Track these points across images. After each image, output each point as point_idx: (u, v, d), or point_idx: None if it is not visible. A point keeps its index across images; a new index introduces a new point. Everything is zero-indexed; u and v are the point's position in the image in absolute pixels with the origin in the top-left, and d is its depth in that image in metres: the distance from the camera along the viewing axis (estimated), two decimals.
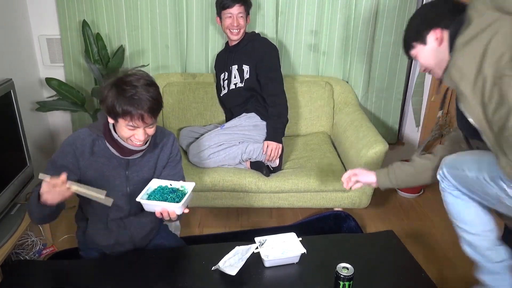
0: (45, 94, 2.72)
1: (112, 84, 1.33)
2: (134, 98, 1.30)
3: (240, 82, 2.39)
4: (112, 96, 1.31)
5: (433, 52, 1.34)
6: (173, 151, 1.60)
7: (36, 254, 2.12)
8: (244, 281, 1.41)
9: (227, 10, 2.26)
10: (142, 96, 1.31)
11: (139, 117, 1.32)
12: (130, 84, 1.31)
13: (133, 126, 1.35)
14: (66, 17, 2.52)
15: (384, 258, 1.59)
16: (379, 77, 2.76)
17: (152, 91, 1.35)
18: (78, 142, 1.45)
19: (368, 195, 2.31)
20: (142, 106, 1.30)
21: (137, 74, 1.36)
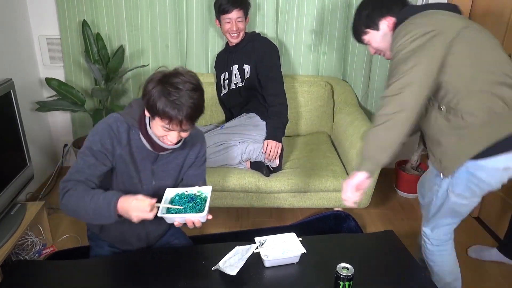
0: (45, 94, 2.72)
1: (158, 81, 1.30)
2: (176, 103, 1.27)
3: (241, 82, 2.40)
4: (156, 94, 1.28)
5: (385, 37, 1.52)
6: (201, 151, 1.59)
7: (36, 254, 2.12)
8: (244, 281, 1.41)
9: (226, 15, 2.25)
10: (185, 101, 1.28)
11: (177, 122, 1.29)
12: (176, 87, 1.28)
13: (168, 129, 1.33)
14: (66, 17, 2.53)
15: (384, 258, 1.59)
16: (379, 77, 2.76)
17: (196, 97, 1.31)
18: (115, 127, 1.40)
19: (368, 195, 2.31)
20: (183, 112, 1.28)
21: (185, 76, 1.32)
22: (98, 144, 1.38)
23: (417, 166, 2.86)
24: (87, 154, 1.38)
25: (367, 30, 1.55)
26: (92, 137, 1.39)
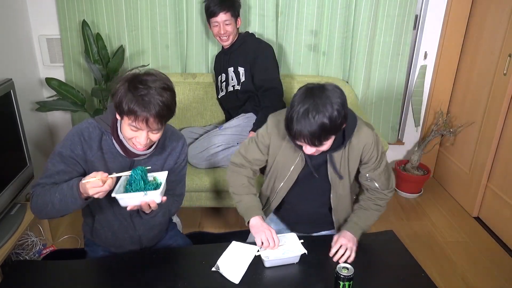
0: (45, 94, 2.72)
1: (127, 79, 1.25)
2: (144, 99, 1.21)
3: (238, 85, 2.39)
4: (123, 91, 1.23)
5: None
6: (180, 157, 1.54)
7: (36, 254, 2.12)
8: (245, 281, 1.41)
9: (213, 19, 2.24)
10: (153, 99, 1.22)
11: (143, 119, 1.23)
12: (145, 84, 1.23)
13: (136, 128, 1.27)
14: (66, 17, 2.53)
15: (384, 258, 1.59)
16: (379, 77, 2.76)
17: (166, 96, 1.25)
18: (86, 133, 1.38)
19: None
20: (150, 109, 1.22)
21: (156, 75, 1.27)
22: (68, 150, 1.36)
23: (417, 166, 2.86)
24: (57, 160, 1.36)
25: (332, 136, 1.38)
26: (63, 142, 1.37)
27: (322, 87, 1.32)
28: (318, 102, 1.28)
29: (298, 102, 1.30)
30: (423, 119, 3.00)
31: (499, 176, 2.44)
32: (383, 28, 2.63)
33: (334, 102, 1.29)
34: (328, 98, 1.29)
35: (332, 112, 1.27)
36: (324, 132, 1.29)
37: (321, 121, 1.27)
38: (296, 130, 1.30)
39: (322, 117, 1.27)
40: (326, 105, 1.28)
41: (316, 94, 1.30)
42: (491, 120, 2.45)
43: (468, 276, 2.10)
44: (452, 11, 2.67)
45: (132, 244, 1.61)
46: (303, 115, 1.28)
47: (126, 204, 1.34)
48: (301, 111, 1.28)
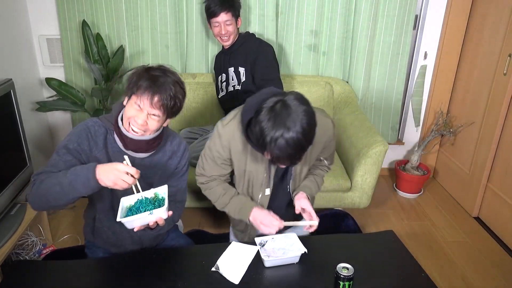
0: (45, 94, 2.72)
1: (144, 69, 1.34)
2: (158, 79, 1.29)
3: (238, 85, 2.39)
4: (140, 71, 1.32)
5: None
6: (181, 162, 1.56)
7: (36, 254, 2.12)
8: (244, 281, 1.41)
9: (214, 19, 2.23)
10: (166, 84, 1.30)
11: (148, 96, 1.29)
12: (163, 71, 1.32)
13: (139, 107, 1.31)
14: (66, 17, 2.53)
15: (384, 258, 1.59)
16: (379, 77, 2.76)
17: (178, 89, 1.34)
18: (92, 130, 1.40)
19: (368, 195, 2.31)
20: (160, 89, 1.29)
21: (175, 73, 1.37)
22: (75, 143, 1.37)
23: (417, 166, 2.86)
24: (63, 152, 1.36)
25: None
26: (70, 136, 1.38)
27: (283, 104, 1.26)
28: (288, 123, 1.23)
29: (266, 127, 1.25)
30: (423, 119, 3.00)
31: (499, 176, 2.44)
32: (383, 28, 2.63)
33: (301, 117, 1.24)
34: (295, 114, 1.24)
35: (304, 129, 1.24)
36: (302, 150, 1.30)
37: (298, 142, 1.25)
38: (275, 155, 1.29)
39: (298, 138, 1.24)
40: (296, 123, 1.23)
41: (283, 114, 1.24)
42: (491, 120, 2.45)
43: (468, 276, 2.10)
44: (452, 11, 2.68)
45: (133, 244, 1.61)
46: (279, 142, 1.24)
47: (133, 226, 1.33)
48: (275, 138, 1.24)
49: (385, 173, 3.14)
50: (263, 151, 1.32)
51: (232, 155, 1.54)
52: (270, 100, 1.28)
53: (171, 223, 1.61)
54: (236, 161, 1.56)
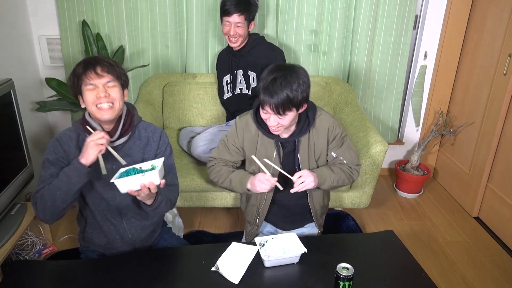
0: (45, 94, 2.72)
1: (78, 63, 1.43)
2: (89, 59, 1.40)
3: (246, 89, 2.37)
4: (74, 70, 1.40)
5: (296, 116, 1.63)
6: (161, 146, 1.57)
7: (36, 254, 2.12)
8: (244, 281, 1.41)
9: (226, 18, 2.19)
10: (97, 57, 1.42)
11: (91, 72, 1.36)
12: (92, 57, 1.42)
13: (92, 85, 1.38)
14: (66, 17, 2.53)
15: (384, 258, 1.59)
16: (379, 77, 2.76)
17: (110, 59, 1.43)
18: (64, 138, 1.48)
19: (368, 195, 2.31)
20: (96, 60, 1.39)
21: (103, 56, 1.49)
22: (52, 154, 1.45)
23: (417, 166, 2.86)
24: (47, 166, 1.45)
25: (293, 108, 1.54)
26: (46, 151, 1.47)
27: (290, 64, 1.52)
28: (287, 74, 1.47)
29: (267, 73, 1.50)
30: (423, 119, 3.01)
31: (499, 176, 2.44)
32: (383, 28, 2.63)
33: (301, 79, 1.49)
34: (295, 74, 1.49)
35: (298, 86, 1.47)
36: (288, 101, 1.47)
37: (287, 91, 1.46)
38: (264, 97, 1.49)
39: (289, 88, 1.46)
40: (293, 78, 1.47)
41: (287, 68, 1.50)
42: (491, 120, 2.45)
43: (468, 276, 2.10)
44: (452, 11, 2.68)
45: (125, 245, 1.61)
46: (271, 82, 1.46)
47: (125, 189, 1.36)
48: (270, 80, 1.47)
49: (385, 173, 3.14)
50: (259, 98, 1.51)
51: (244, 142, 1.73)
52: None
53: (168, 203, 1.57)
54: (247, 149, 1.74)
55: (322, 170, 1.70)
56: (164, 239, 1.73)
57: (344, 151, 1.74)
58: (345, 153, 1.74)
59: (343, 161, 1.74)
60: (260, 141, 1.70)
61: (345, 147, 1.74)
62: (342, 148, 1.74)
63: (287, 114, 1.52)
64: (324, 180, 1.67)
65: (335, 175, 1.70)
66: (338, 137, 1.72)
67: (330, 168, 1.72)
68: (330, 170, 1.71)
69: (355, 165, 1.77)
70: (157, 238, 1.71)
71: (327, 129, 1.69)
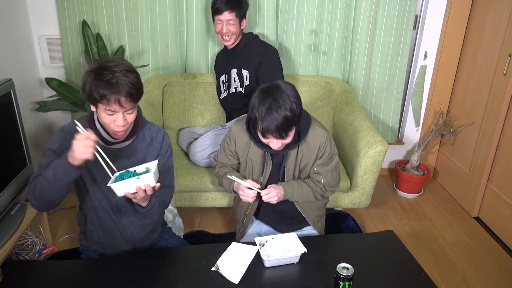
0: (45, 94, 2.72)
1: (92, 70, 1.33)
2: (111, 82, 1.29)
3: (240, 87, 2.38)
4: (90, 81, 1.31)
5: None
6: (163, 147, 1.58)
7: (36, 254, 2.12)
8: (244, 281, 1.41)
9: (217, 16, 2.21)
10: (120, 80, 1.30)
11: (115, 100, 1.30)
12: (109, 69, 1.31)
13: (111, 111, 1.34)
14: (66, 17, 2.53)
15: (384, 258, 1.59)
16: (379, 77, 2.76)
17: (131, 77, 1.33)
18: (68, 129, 1.45)
19: (368, 195, 2.31)
20: (119, 90, 1.30)
21: (116, 61, 1.36)
22: (56, 144, 1.43)
23: (417, 166, 2.86)
24: (48, 154, 1.43)
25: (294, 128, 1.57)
26: (50, 140, 1.45)
27: (275, 85, 1.49)
28: (277, 97, 1.46)
29: (258, 102, 1.47)
30: (423, 119, 3.00)
31: (499, 176, 2.44)
32: (383, 28, 2.63)
33: (290, 95, 1.48)
34: (284, 93, 1.47)
35: (291, 104, 1.46)
36: (288, 123, 1.47)
37: (284, 114, 1.45)
38: (263, 127, 1.47)
39: (284, 110, 1.45)
40: (284, 99, 1.46)
41: (273, 91, 1.47)
42: (491, 120, 2.45)
43: (468, 276, 2.10)
44: (452, 11, 2.68)
45: (125, 244, 1.61)
46: (267, 112, 1.45)
47: (122, 192, 1.36)
48: (264, 110, 1.45)
49: (385, 173, 3.14)
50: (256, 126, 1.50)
51: (237, 148, 1.75)
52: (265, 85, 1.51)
53: (161, 205, 1.61)
54: (240, 154, 1.76)
55: (293, 186, 1.71)
56: (164, 239, 1.73)
57: (327, 172, 1.73)
58: (328, 175, 1.74)
59: (321, 180, 1.74)
60: (252, 149, 1.71)
61: (330, 167, 1.73)
62: (326, 168, 1.73)
63: (289, 134, 1.53)
64: (291, 196, 1.72)
65: (303, 193, 1.73)
66: (326, 156, 1.71)
67: (302, 185, 1.73)
68: (300, 188, 1.72)
69: (331, 187, 1.78)
70: (157, 237, 1.72)
71: (318, 145, 1.69)
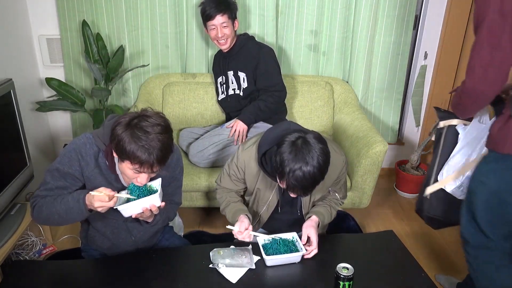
0: (45, 94, 2.72)
1: (126, 125, 1.28)
2: (146, 147, 1.25)
3: (238, 89, 2.38)
4: (125, 138, 1.26)
5: None
6: (175, 170, 1.59)
7: (36, 254, 2.12)
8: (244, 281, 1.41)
9: (210, 22, 2.22)
10: (155, 145, 1.26)
11: (149, 166, 1.28)
12: (144, 130, 1.26)
13: (139, 171, 1.31)
14: (66, 17, 2.52)
15: (384, 258, 1.59)
16: (379, 77, 2.76)
17: (165, 140, 1.29)
18: (83, 150, 1.42)
19: (368, 195, 2.31)
20: (153, 155, 1.26)
21: (153, 117, 1.30)
22: (66, 166, 1.41)
23: (417, 166, 2.86)
24: (56, 175, 1.41)
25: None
26: (61, 158, 1.42)
27: (305, 140, 1.38)
28: (307, 158, 1.35)
29: (287, 158, 1.36)
30: (423, 119, 3.00)
31: None
32: (383, 28, 2.63)
33: (319, 154, 1.37)
34: (314, 150, 1.37)
35: (320, 165, 1.37)
36: (316, 183, 1.40)
37: (313, 176, 1.37)
38: (291, 185, 1.39)
39: (313, 174, 1.36)
40: (314, 158, 1.36)
41: (303, 150, 1.37)
42: None
43: None
44: (452, 11, 2.67)
45: (128, 246, 1.62)
46: (297, 174, 1.35)
47: (129, 213, 1.39)
48: (294, 170, 1.35)
49: (385, 173, 3.14)
50: (280, 179, 1.42)
51: (246, 176, 1.68)
52: (292, 135, 1.40)
53: (166, 220, 1.66)
54: (249, 182, 1.69)
55: (324, 216, 1.68)
56: (165, 238, 1.73)
57: (341, 187, 1.75)
58: (342, 189, 1.76)
59: (337, 197, 1.76)
60: (261, 177, 1.65)
61: (342, 182, 1.74)
62: (339, 184, 1.73)
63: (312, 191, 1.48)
64: (321, 224, 1.68)
65: (331, 217, 1.73)
66: (343, 178, 1.71)
67: (328, 209, 1.71)
68: (329, 214, 1.71)
69: (343, 199, 1.81)
70: (159, 237, 1.72)
71: (337, 173, 1.65)
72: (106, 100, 2.56)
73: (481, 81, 1.32)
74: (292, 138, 1.39)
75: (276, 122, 2.38)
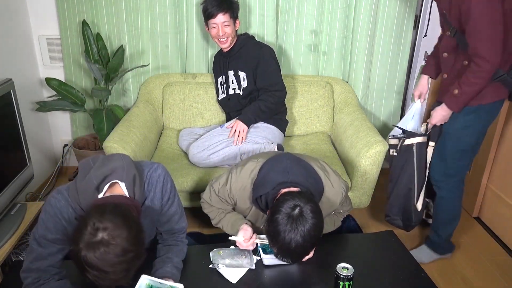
0: (45, 94, 2.72)
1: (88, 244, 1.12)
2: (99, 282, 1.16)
3: (238, 89, 2.38)
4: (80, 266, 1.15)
5: None
6: (164, 197, 1.46)
7: None
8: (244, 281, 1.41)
9: (211, 20, 2.23)
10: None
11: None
12: (96, 268, 1.14)
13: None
14: (66, 17, 2.53)
15: (384, 258, 1.59)
16: (379, 77, 2.76)
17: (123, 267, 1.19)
18: (65, 214, 1.31)
19: (368, 195, 2.31)
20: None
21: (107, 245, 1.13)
22: (53, 233, 1.30)
23: None
24: (45, 244, 1.31)
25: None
26: (45, 224, 1.31)
27: (301, 213, 1.38)
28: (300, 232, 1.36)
29: (282, 230, 1.37)
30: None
31: (499, 176, 2.43)
32: (383, 28, 2.63)
33: (313, 229, 1.37)
34: (308, 225, 1.37)
35: (311, 239, 1.38)
36: (305, 254, 1.45)
37: (304, 248, 1.40)
38: (281, 253, 1.42)
39: (305, 246, 1.38)
40: (306, 234, 1.37)
41: (298, 223, 1.37)
42: None
43: (468, 276, 2.10)
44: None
45: None
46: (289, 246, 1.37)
47: None
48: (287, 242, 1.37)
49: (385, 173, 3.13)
50: (273, 245, 1.42)
51: (237, 206, 1.70)
52: (288, 204, 1.39)
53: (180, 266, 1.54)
54: (240, 211, 1.71)
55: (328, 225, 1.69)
56: None
57: (343, 203, 1.74)
58: (345, 204, 1.78)
59: (340, 211, 1.79)
60: (253, 211, 1.66)
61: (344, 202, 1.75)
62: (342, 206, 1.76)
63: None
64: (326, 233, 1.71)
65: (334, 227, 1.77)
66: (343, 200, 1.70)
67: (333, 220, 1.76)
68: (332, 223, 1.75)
69: (348, 212, 1.86)
70: None
71: (336, 204, 1.66)
72: (106, 100, 2.56)
73: (498, 55, 1.59)
74: (288, 209, 1.38)
75: (276, 122, 2.39)
